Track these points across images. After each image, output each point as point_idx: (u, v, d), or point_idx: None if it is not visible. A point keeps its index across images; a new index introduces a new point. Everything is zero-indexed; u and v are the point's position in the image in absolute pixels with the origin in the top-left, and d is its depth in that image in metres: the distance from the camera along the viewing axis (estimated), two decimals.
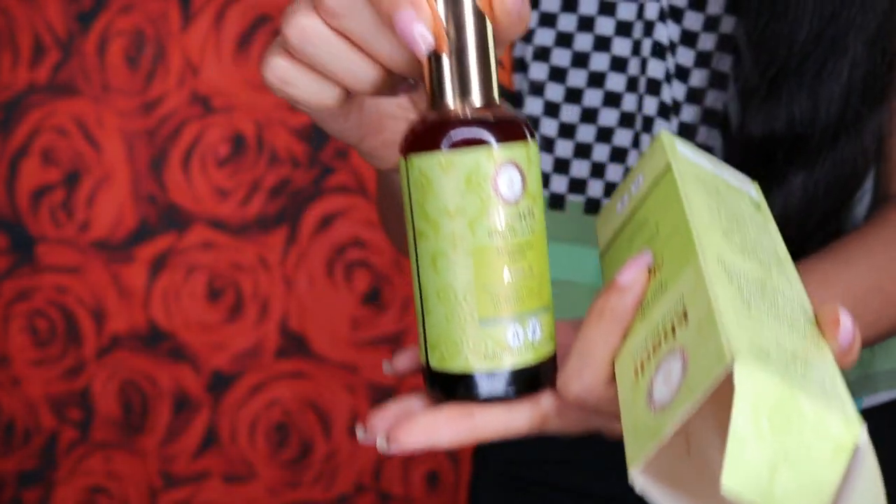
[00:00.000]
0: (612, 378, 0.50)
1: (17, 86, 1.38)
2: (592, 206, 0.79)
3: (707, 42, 0.75)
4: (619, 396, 0.48)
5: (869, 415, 0.81)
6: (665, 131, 0.57)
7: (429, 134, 0.48)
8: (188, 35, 1.39)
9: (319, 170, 1.41)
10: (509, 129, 0.48)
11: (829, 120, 0.70)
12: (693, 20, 0.75)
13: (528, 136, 0.49)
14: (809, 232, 0.72)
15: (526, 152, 0.48)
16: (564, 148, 0.78)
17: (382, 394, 1.46)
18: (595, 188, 0.78)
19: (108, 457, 1.45)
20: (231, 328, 1.44)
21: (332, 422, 1.46)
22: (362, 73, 0.49)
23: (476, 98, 0.48)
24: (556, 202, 0.79)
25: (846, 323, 0.48)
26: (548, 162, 0.79)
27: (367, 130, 0.55)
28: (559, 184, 0.79)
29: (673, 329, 0.45)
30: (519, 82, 0.79)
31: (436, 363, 0.50)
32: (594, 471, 0.87)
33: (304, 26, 0.48)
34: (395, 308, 1.44)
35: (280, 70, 0.49)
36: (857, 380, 0.81)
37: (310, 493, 1.47)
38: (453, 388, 0.50)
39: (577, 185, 0.78)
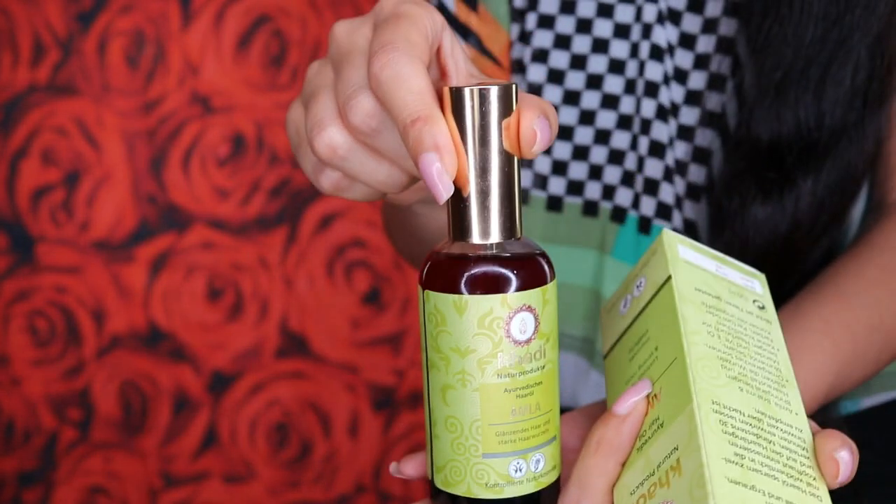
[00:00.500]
0: None
1: (17, 86, 1.38)
2: (590, 208, 0.78)
3: (705, 44, 0.74)
4: None
5: (866, 416, 0.81)
6: (667, 230, 0.57)
7: (446, 273, 0.49)
8: (188, 35, 1.39)
9: None
10: (527, 273, 0.49)
11: (834, 123, 0.70)
12: (691, 23, 0.75)
13: (548, 275, 0.49)
14: (817, 236, 0.72)
15: (542, 295, 0.49)
16: (562, 150, 0.78)
17: (382, 394, 1.46)
18: (593, 190, 0.78)
19: (108, 457, 1.46)
20: (231, 328, 1.44)
21: (332, 422, 1.46)
22: (392, 179, 0.50)
23: (496, 236, 0.48)
24: (553, 204, 0.79)
25: (847, 461, 0.48)
26: (545, 164, 0.79)
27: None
28: (557, 186, 0.79)
29: (668, 479, 0.46)
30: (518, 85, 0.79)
31: (440, 483, 0.52)
32: None
33: (331, 143, 0.49)
34: (395, 308, 1.44)
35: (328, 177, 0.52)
36: None
37: (310, 494, 1.47)
38: None
39: (575, 187, 0.78)
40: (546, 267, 0.50)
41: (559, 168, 0.79)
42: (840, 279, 0.68)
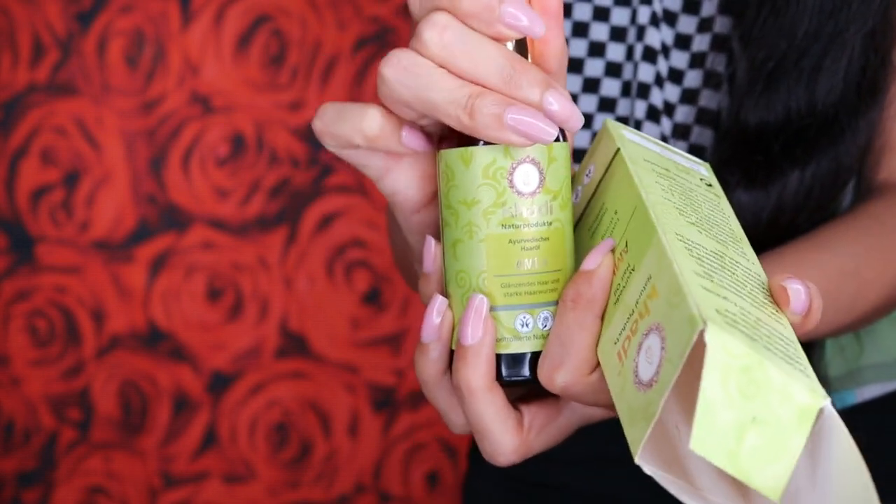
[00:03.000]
0: (595, 366, 0.51)
1: (17, 86, 1.38)
2: None
3: (700, 43, 0.74)
4: (609, 384, 0.49)
5: (861, 410, 0.81)
6: (609, 119, 0.58)
7: (455, 131, 0.51)
8: (188, 35, 1.39)
9: (319, 170, 1.41)
10: None
11: (825, 113, 0.70)
12: (687, 23, 0.75)
13: (560, 137, 0.51)
14: (799, 224, 0.72)
15: (547, 151, 0.51)
16: None
17: (382, 394, 1.46)
18: None
19: (108, 457, 1.46)
20: (231, 328, 1.44)
21: (332, 422, 1.46)
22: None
23: None
24: None
25: (797, 289, 0.49)
26: None
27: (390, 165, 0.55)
28: None
29: (647, 307, 0.46)
30: None
31: (453, 343, 0.53)
32: (589, 468, 0.87)
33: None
34: (395, 308, 1.44)
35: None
36: (847, 374, 0.82)
37: (310, 493, 1.47)
38: None
39: None
40: (556, 127, 0.51)
41: None
42: (818, 234, 0.69)
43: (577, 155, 0.77)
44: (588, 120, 0.77)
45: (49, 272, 1.42)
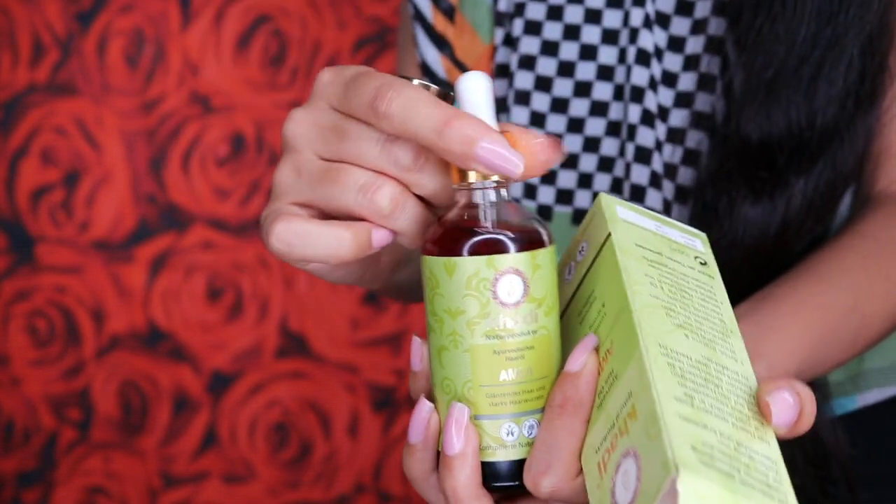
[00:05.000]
0: (580, 470, 0.51)
1: (17, 86, 1.38)
2: (580, 217, 0.78)
3: (694, 45, 0.74)
4: (588, 493, 0.49)
5: (861, 415, 0.80)
6: (604, 194, 0.57)
7: (440, 239, 0.51)
8: (188, 35, 1.38)
9: None
10: (516, 237, 0.51)
11: (825, 123, 0.69)
12: (680, 25, 0.74)
13: (543, 241, 0.51)
14: (803, 235, 0.71)
15: (531, 259, 0.51)
16: None
17: (382, 394, 1.46)
18: (582, 199, 0.77)
19: (108, 457, 1.46)
20: (231, 328, 1.44)
21: (332, 422, 1.46)
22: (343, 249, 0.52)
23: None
24: (542, 214, 0.79)
25: (783, 399, 0.48)
26: None
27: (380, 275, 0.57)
28: (546, 195, 0.78)
29: (626, 426, 0.47)
30: (504, 91, 0.79)
31: (439, 446, 0.53)
32: None
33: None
34: (395, 308, 1.44)
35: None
36: (848, 379, 0.81)
37: (310, 494, 1.47)
38: None
39: (565, 196, 0.78)
40: (541, 233, 0.51)
41: (548, 177, 0.78)
42: (817, 264, 0.68)
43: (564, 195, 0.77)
44: (579, 125, 0.77)
45: (49, 272, 1.42)
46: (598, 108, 0.76)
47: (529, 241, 0.51)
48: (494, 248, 0.50)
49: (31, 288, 1.42)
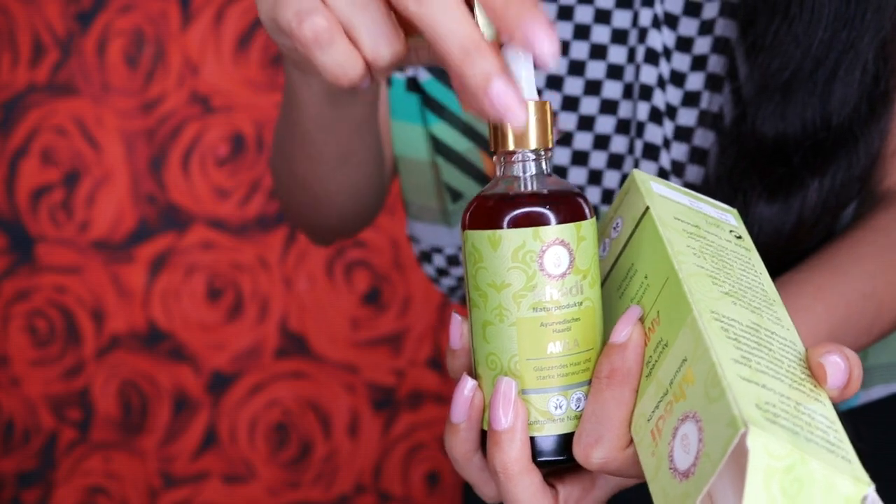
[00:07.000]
0: (630, 441, 0.50)
1: (17, 86, 1.38)
2: None
3: (702, 46, 0.74)
4: (642, 461, 0.48)
5: (865, 411, 0.81)
6: (637, 170, 0.57)
7: (482, 212, 0.51)
8: (188, 35, 1.39)
9: None
10: (560, 208, 0.50)
11: (840, 124, 0.69)
12: (688, 26, 0.74)
13: (585, 213, 0.51)
14: (816, 234, 0.72)
15: (576, 230, 0.50)
16: (562, 156, 0.78)
17: (382, 394, 1.46)
18: (592, 195, 0.78)
19: (108, 457, 1.46)
20: (231, 328, 1.44)
21: (331, 422, 1.46)
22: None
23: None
24: None
25: (836, 363, 0.48)
26: None
27: None
28: None
29: (682, 391, 0.46)
30: None
31: (485, 424, 0.52)
32: None
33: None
34: (395, 308, 1.44)
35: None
36: None
37: (310, 494, 1.48)
38: None
39: None
40: (583, 205, 0.51)
41: (558, 173, 0.78)
42: (833, 255, 0.68)
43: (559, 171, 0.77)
44: (589, 123, 0.77)
45: (49, 272, 1.42)
46: (608, 107, 0.76)
47: (573, 213, 0.50)
48: (539, 220, 0.50)
49: (31, 288, 1.42)
